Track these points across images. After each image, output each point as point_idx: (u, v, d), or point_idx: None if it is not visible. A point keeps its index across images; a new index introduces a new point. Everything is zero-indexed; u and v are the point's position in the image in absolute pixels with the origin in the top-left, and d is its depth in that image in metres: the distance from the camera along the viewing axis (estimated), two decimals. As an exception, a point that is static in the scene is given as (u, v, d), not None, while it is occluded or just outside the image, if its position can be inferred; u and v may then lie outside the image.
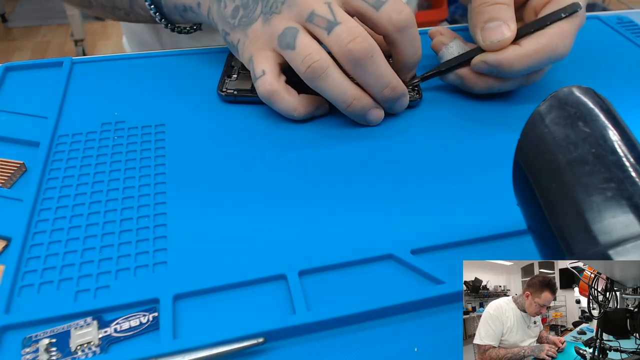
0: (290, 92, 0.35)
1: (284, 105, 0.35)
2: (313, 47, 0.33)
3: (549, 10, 0.36)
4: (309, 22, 0.33)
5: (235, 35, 0.37)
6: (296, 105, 0.35)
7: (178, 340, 0.23)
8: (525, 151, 0.22)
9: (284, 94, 0.35)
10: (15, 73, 0.41)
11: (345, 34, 0.32)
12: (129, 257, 0.27)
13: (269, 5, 0.35)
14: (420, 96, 0.38)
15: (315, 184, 0.32)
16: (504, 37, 0.35)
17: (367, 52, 0.32)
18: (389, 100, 0.35)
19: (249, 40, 0.36)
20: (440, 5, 1.78)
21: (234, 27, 0.37)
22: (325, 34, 0.33)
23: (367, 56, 0.32)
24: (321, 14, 0.33)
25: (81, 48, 2.02)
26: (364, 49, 0.32)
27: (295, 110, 0.35)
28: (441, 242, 0.28)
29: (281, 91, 0.35)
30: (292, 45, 0.33)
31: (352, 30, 0.32)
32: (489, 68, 0.36)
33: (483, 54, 0.36)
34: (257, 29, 0.35)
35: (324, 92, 0.34)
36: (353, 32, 0.32)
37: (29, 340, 0.24)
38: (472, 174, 0.33)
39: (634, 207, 0.18)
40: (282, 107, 0.35)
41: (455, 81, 0.39)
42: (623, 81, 0.42)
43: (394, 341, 0.24)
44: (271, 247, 0.28)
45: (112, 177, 0.32)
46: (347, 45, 0.32)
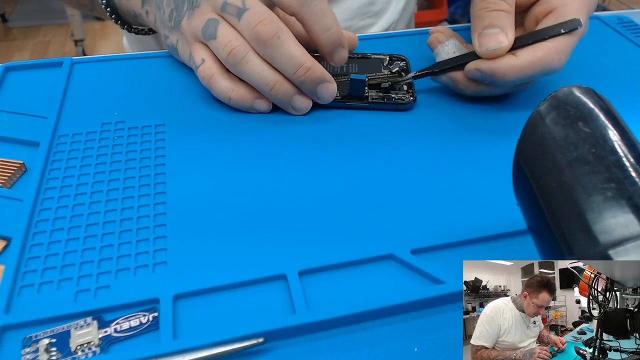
0: (228, 77, 0.36)
1: (218, 88, 0.36)
2: (233, 34, 0.34)
3: (549, 21, 0.36)
4: (223, 11, 0.35)
5: (174, 37, 0.39)
6: (230, 91, 0.36)
7: (178, 340, 0.23)
8: (525, 151, 0.22)
9: (220, 78, 0.36)
10: (15, 73, 0.41)
11: (253, 17, 0.33)
12: (129, 257, 0.27)
13: (191, 1, 0.37)
14: (415, 98, 0.38)
15: (315, 184, 0.32)
16: (501, 45, 0.35)
17: (273, 34, 0.33)
18: (306, 83, 0.35)
19: (182, 38, 0.38)
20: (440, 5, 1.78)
21: (171, 29, 0.39)
22: (236, 20, 0.34)
23: (274, 37, 0.33)
24: (232, 2, 0.34)
25: (81, 48, 2.02)
26: (270, 30, 0.33)
27: (228, 95, 0.36)
28: (441, 242, 0.28)
29: (219, 74, 0.36)
30: (213, 35, 0.35)
31: (259, 14, 0.33)
32: (481, 76, 0.35)
33: (477, 61, 0.36)
34: (185, 25, 0.37)
35: (247, 77, 0.35)
36: (260, 15, 0.33)
37: (29, 340, 0.24)
38: (472, 174, 0.33)
39: (634, 207, 0.18)
40: (217, 91, 0.36)
41: (447, 83, 0.39)
42: (623, 81, 0.42)
43: (394, 341, 0.24)
44: (271, 247, 0.28)
45: (112, 177, 0.32)
46: (254, 29, 0.33)
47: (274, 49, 0.33)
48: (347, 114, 0.37)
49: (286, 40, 0.34)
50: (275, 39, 0.33)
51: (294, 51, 0.34)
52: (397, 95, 0.38)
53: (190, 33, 0.37)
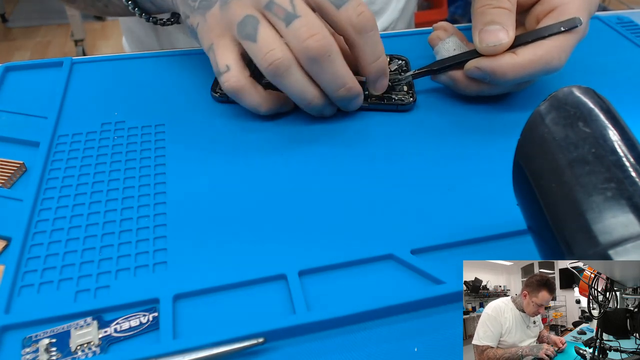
0: (257, 88, 0.35)
1: (249, 101, 0.35)
2: (275, 42, 0.32)
3: (550, 20, 0.35)
4: (268, 9, 0.32)
5: (195, 19, 0.36)
6: (261, 101, 0.35)
7: (178, 340, 0.23)
8: (525, 151, 0.22)
9: (251, 90, 0.34)
10: (15, 73, 0.41)
11: (303, 28, 0.31)
12: (129, 257, 0.27)
13: None
14: (415, 99, 0.38)
15: (315, 184, 0.32)
16: (501, 42, 0.34)
17: (325, 51, 0.31)
18: (343, 100, 0.35)
19: (207, 25, 0.34)
20: (440, 5, 1.78)
21: (193, 10, 0.36)
22: (283, 25, 0.31)
23: (325, 55, 0.31)
24: (280, 4, 0.32)
25: (81, 48, 2.02)
26: (322, 47, 0.31)
27: (260, 106, 0.35)
28: (441, 242, 0.28)
29: (248, 87, 0.34)
30: (252, 37, 0.32)
31: (311, 25, 0.31)
32: (481, 74, 0.35)
33: (477, 59, 0.35)
34: (216, 14, 0.34)
35: (285, 89, 0.33)
36: (312, 27, 0.31)
37: (29, 340, 0.24)
38: (472, 174, 0.33)
39: (634, 207, 0.18)
40: (247, 103, 0.35)
41: (447, 82, 0.38)
42: (623, 81, 0.42)
43: (394, 341, 0.24)
44: (271, 247, 0.28)
45: (112, 177, 0.32)
46: (305, 42, 0.31)
47: (322, 66, 0.32)
48: (347, 115, 0.37)
49: (336, 58, 0.32)
50: (326, 57, 0.31)
51: (341, 71, 0.33)
52: (397, 96, 0.38)
53: (219, 24, 0.34)
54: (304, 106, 0.35)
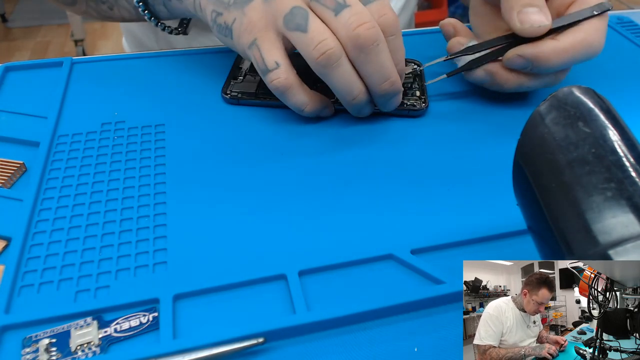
0: (304, 88, 0.34)
1: (296, 100, 0.34)
2: (327, 32, 0.31)
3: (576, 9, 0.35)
4: (316, 1, 0.32)
5: (231, 15, 0.34)
6: (308, 100, 0.34)
7: (178, 340, 0.23)
8: (525, 151, 0.22)
9: (300, 89, 0.34)
10: (15, 73, 0.41)
11: (354, 17, 0.31)
12: (129, 257, 0.27)
13: None
14: (427, 105, 0.37)
15: (315, 185, 0.32)
16: (544, 23, 0.33)
17: (374, 40, 0.31)
18: (385, 95, 0.34)
19: (247, 20, 0.33)
20: (440, 5, 1.78)
21: (228, 6, 0.34)
22: (332, 15, 0.31)
23: (374, 44, 0.31)
24: None
25: (81, 48, 2.02)
26: (372, 36, 0.31)
27: (306, 106, 0.34)
28: (441, 242, 0.28)
29: (297, 86, 0.33)
30: (303, 28, 0.31)
31: (361, 14, 0.31)
32: (524, 62, 0.34)
33: (518, 47, 0.34)
34: (258, 7, 0.33)
35: (332, 82, 0.33)
36: (362, 16, 0.31)
37: (29, 340, 0.24)
38: (472, 174, 0.33)
39: (634, 207, 0.18)
40: (294, 102, 0.34)
41: (483, 78, 0.37)
42: (623, 81, 0.42)
43: (394, 341, 0.24)
44: (271, 247, 0.28)
45: (112, 177, 0.32)
46: (355, 30, 0.31)
47: (370, 56, 0.31)
48: (348, 117, 0.37)
49: (383, 49, 0.32)
50: (374, 45, 0.31)
51: (387, 62, 0.32)
52: (410, 101, 0.38)
53: (264, 18, 0.33)
54: (348, 102, 0.34)
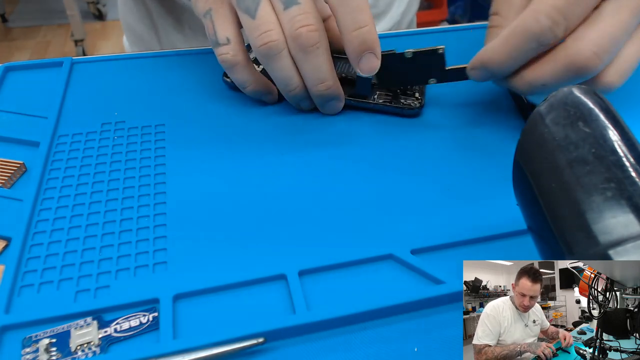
0: (250, 67, 0.35)
1: (240, 77, 0.35)
2: (273, 23, 0.32)
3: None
4: None
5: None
6: (252, 79, 0.35)
7: (178, 340, 0.23)
8: (525, 151, 0.22)
9: (245, 68, 0.35)
10: (15, 73, 0.41)
11: (300, 16, 0.31)
12: (129, 257, 0.27)
13: None
14: (422, 105, 0.37)
15: (315, 184, 0.32)
16: None
17: (315, 42, 0.32)
18: (320, 97, 0.35)
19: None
20: (440, 5, 1.79)
21: None
22: (281, 7, 0.32)
23: (313, 47, 0.32)
24: None
25: (81, 48, 2.02)
26: (313, 38, 0.32)
27: (249, 85, 0.35)
28: (441, 242, 0.28)
29: (243, 64, 0.34)
30: (252, 13, 0.32)
31: (308, 15, 0.31)
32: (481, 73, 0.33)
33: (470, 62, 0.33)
34: None
35: (271, 72, 0.34)
36: (309, 18, 0.31)
37: (29, 340, 0.24)
38: (472, 173, 0.33)
39: (634, 207, 0.18)
40: (237, 78, 0.35)
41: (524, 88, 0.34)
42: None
43: (394, 341, 0.24)
44: (271, 247, 0.28)
45: (112, 177, 0.32)
46: (298, 30, 0.31)
47: (308, 56, 0.32)
48: (349, 116, 0.37)
49: (322, 52, 0.32)
50: (314, 48, 0.32)
51: (324, 66, 0.33)
52: (407, 100, 0.38)
53: None
54: (285, 93, 0.35)
